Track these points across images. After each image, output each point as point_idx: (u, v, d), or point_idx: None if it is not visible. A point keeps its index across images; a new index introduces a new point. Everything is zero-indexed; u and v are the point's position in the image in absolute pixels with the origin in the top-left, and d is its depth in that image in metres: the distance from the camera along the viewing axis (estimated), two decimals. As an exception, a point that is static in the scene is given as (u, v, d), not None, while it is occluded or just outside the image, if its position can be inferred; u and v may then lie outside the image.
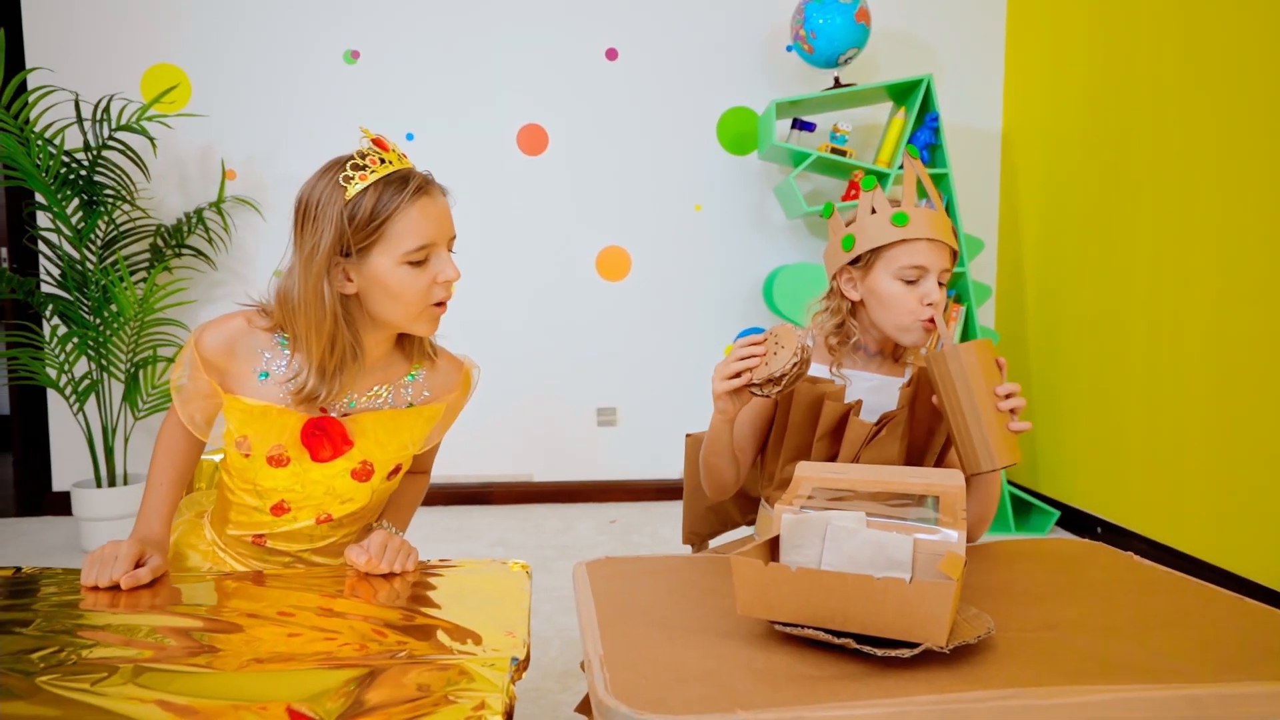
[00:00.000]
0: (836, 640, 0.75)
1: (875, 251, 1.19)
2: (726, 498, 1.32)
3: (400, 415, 1.11)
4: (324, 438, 1.05)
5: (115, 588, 0.97)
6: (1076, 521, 2.96)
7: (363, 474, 1.10)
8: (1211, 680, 0.71)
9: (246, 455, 1.07)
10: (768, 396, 1.09)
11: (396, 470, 1.14)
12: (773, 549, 0.89)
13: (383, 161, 1.01)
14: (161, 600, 0.95)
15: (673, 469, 3.44)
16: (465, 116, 3.28)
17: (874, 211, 1.19)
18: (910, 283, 1.17)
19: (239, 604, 0.94)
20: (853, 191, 3.07)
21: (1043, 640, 0.80)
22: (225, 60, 3.17)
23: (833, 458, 1.21)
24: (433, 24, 3.25)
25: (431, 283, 1.03)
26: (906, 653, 0.73)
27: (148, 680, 0.74)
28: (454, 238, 1.07)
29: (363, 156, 1.01)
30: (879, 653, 0.73)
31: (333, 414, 1.08)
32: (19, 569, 1.04)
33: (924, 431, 1.23)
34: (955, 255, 1.20)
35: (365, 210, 0.98)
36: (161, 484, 1.11)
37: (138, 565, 1.00)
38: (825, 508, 0.89)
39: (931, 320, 1.16)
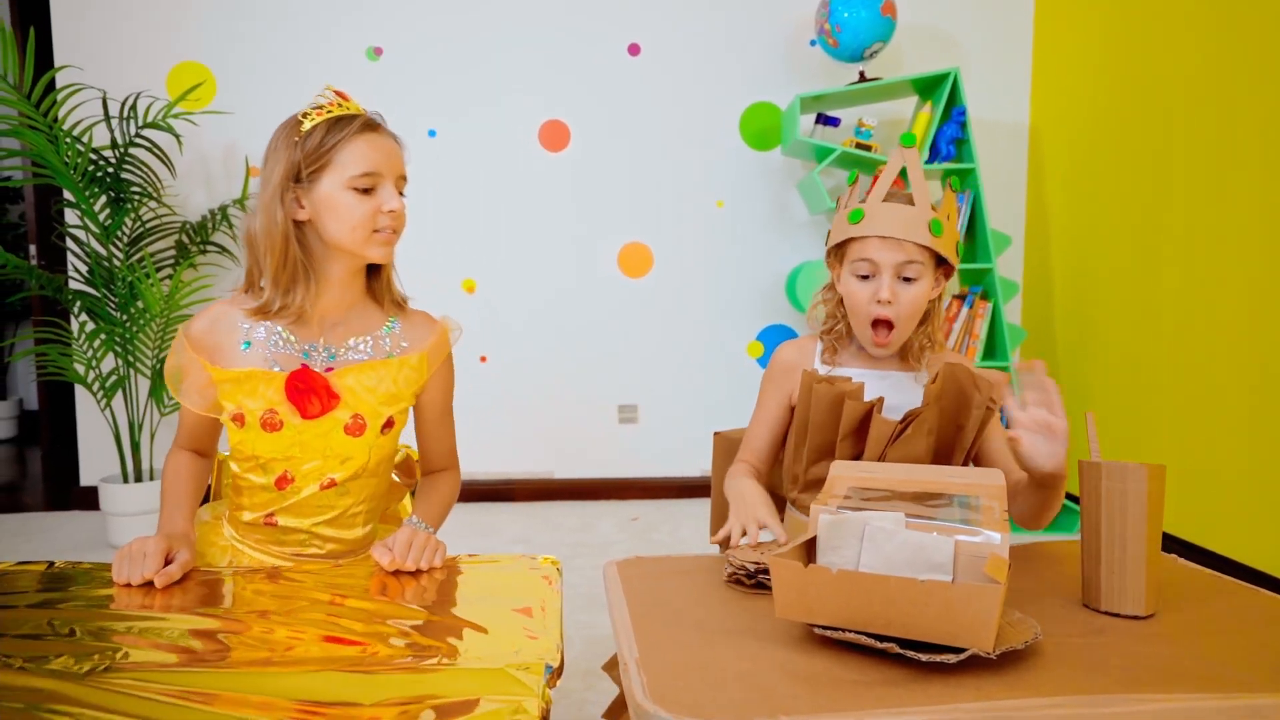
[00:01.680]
0: (879, 645, 0.73)
1: (839, 247, 1.20)
2: None
3: (381, 365, 1.16)
4: (310, 393, 1.10)
5: (146, 584, 0.98)
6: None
7: (355, 429, 1.13)
8: (1276, 690, 0.68)
9: (242, 425, 1.12)
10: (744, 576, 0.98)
11: (390, 425, 1.16)
12: (809, 550, 0.87)
13: (340, 106, 1.11)
14: (190, 600, 0.95)
15: (694, 467, 3.42)
16: (487, 113, 3.28)
17: (844, 206, 1.19)
18: (864, 278, 1.16)
19: (264, 603, 0.93)
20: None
21: (1092, 646, 0.78)
22: (249, 58, 3.18)
23: (857, 457, 1.19)
24: (455, 20, 3.24)
25: (376, 210, 1.10)
26: (952, 658, 0.71)
27: (175, 680, 0.73)
28: (403, 178, 1.14)
29: (323, 102, 1.12)
30: (923, 658, 0.71)
31: (315, 369, 1.13)
32: (52, 564, 1.05)
33: (952, 429, 1.20)
34: (933, 251, 1.14)
35: (316, 140, 1.08)
36: (175, 490, 1.16)
37: (167, 561, 1.01)
38: (861, 508, 0.87)
39: (882, 321, 1.15)
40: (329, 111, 1.10)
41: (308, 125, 1.08)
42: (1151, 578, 0.85)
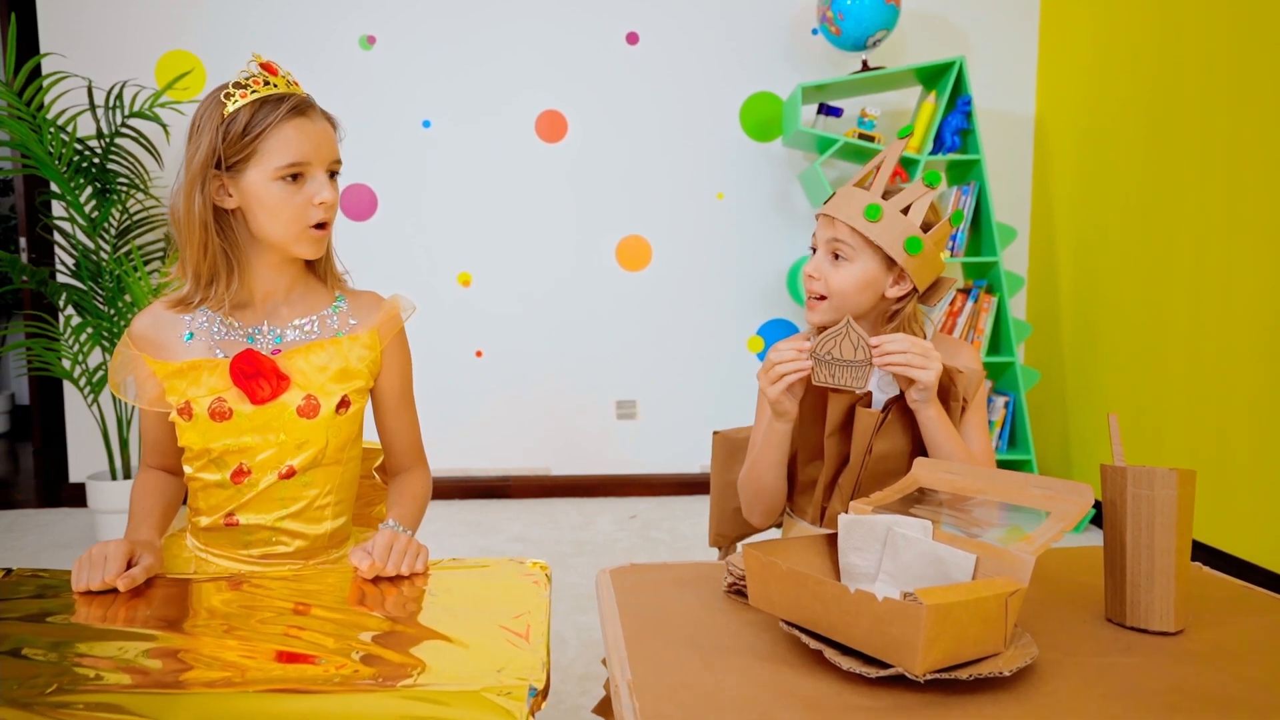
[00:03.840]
0: (812, 645, 0.72)
1: None
2: (776, 520, 1.26)
3: (331, 344, 1.11)
4: (258, 377, 1.06)
5: (108, 590, 0.92)
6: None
7: (309, 410, 1.08)
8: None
9: (190, 418, 1.06)
10: (835, 386, 1.03)
11: (345, 404, 1.11)
12: (831, 548, 0.82)
13: (267, 84, 1.04)
14: (152, 611, 0.89)
15: (693, 463, 3.37)
16: (483, 103, 3.21)
17: None
18: (813, 252, 1.18)
19: (226, 615, 0.88)
20: (881, 178, 2.97)
21: (1120, 666, 0.72)
22: (240, 46, 3.11)
23: (848, 454, 1.14)
24: (449, 8, 3.18)
25: (307, 203, 1.04)
26: (874, 672, 0.67)
27: (130, 705, 0.68)
28: (336, 162, 1.08)
29: (247, 78, 1.03)
30: (844, 665, 0.69)
31: (261, 351, 1.08)
32: (9, 570, 0.99)
33: None
34: (857, 231, 1.10)
35: (239, 125, 1.01)
36: (141, 506, 1.11)
37: (130, 565, 0.95)
38: (905, 510, 0.82)
39: (810, 296, 1.15)
40: (253, 90, 1.02)
41: (231, 107, 1.01)
42: (1181, 591, 0.80)
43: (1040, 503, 0.83)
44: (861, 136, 2.94)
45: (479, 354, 3.28)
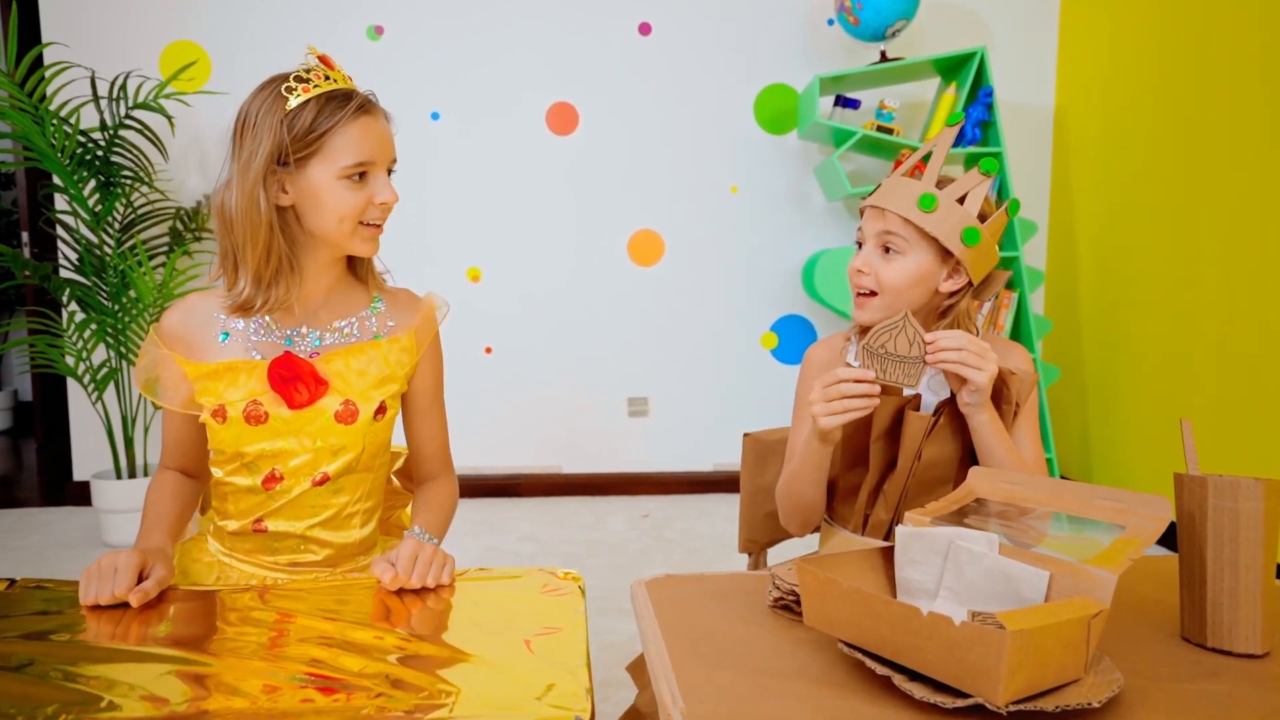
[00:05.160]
0: (878, 670, 0.66)
1: None
2: (814, 528, 1.20)
3: (371, 347, 1.08)
4: (296, 381, 1.02)
5: (116, 604, 0.87)
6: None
7: (347, 415, 1.05)
8: None
9: (224, 421, 1.02)
10: (886, 382, 0.99)
11: (382, 411, 1.07)
12: (887, 562, 0.77)
13: (327, 78, 1.01)
14: (167, 629, 0.84)
15: (706, 461, 3.32)
16: (492, 94, 3.15)
17: None
18: (859, 247, 1.12)
19: (248, 634, 0.83)
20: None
21: (1211, 694, 0.67)
22: (245, 36, 3.06)
23: (893, 461, 1.09)
24: (459, -2, 3.12)
25: (367, 202, 1.03)
26: (950, 702, 0.62)
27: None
28: (394, 161, 1.07)
29: (307, 71, 1.01)
30: (918, 695, 0.64)
31: (300, 355, 1.04)
32: (13, 581, 0.94)
33: None
34: (911, 222, 1.05)
35: (305, 122, 0.98)
36: (155, 509, 1.06)
37: (141, 578, 0.90)
38: (962, 523, 0.76)
39: (859, 292, 1.10)
40: (315, 85, 0.99)
41: (294, 102, 0.98)
42: (1268, 609, 0.74)
43: (1112, 516, 0.78)
44: (880, 129, 2.88)
45: (488, 350, 3.22)
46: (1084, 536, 0.79)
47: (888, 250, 1.07)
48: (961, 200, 1.04)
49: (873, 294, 1.09)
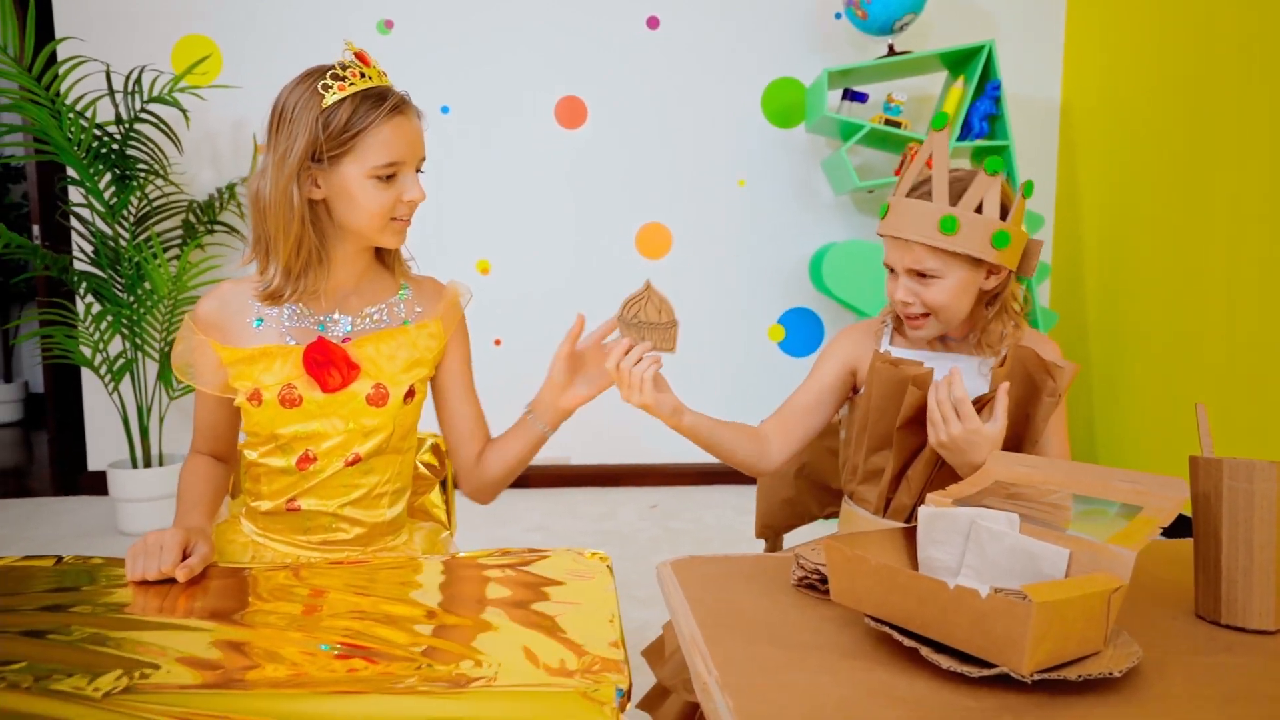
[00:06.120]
0: (906, 642, 0.69)
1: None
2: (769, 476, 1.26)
3: (399, 333, 1.12)
4: (329, 365, 1.06)
5: (163, 580, 0.91)
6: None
7: (378, 398, 1.08)
8: None
9: (259, 404, 1.05)
10: (650, 348, 1.06)
11: (411, 394, 1.11)
12: (909, 541, 0.80)
13: (363, 76, 1.03)
14: (210, 603, 0.87)
15: (714, 453, 3.34)
16: (501, 88, 3.17)
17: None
18: (892, 271, 1.13)
19: (288, 608, 0.85)
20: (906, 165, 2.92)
21: (1226, 667, 0.70)
22: (256, 30, 3.07)
23: (920, 447, 1.11)
24: (469, -9, 3.13)
25: (396, 200, 1.05)
26: (975, 671, 0.65)
27: (197, 705, 0.65)
28: (423, 159, 1.09)
29: (343, 68, 1.02)
30: (944, 664, 0.66)
31: (332, 340, 1.08)
32: (60, 558, 0.97)
33: (1020, 417, 1.13)
34: (941, 248, 1.05)
35: (340, 120, 1.00)
36: (190, 492, 1.09)
37: (185, 555, 0.93)
38: (980, 504, 0.79)
39: (909, 317, 1.11)
40: (351, 83, 1.01)
41: (330, 99, 0.99)
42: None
43: (1129, 497, 0.81)
44: (888, 122, 2.90)
45: (498, 343, 3.25)
46: (1102, 516, 0.82)
47: (923, 275, 1.09)
48: (979, 209, 1.05)
49: (924, 315, 1.11)
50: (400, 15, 3.13)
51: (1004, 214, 1.07)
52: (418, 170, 1.08)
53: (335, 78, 1.01)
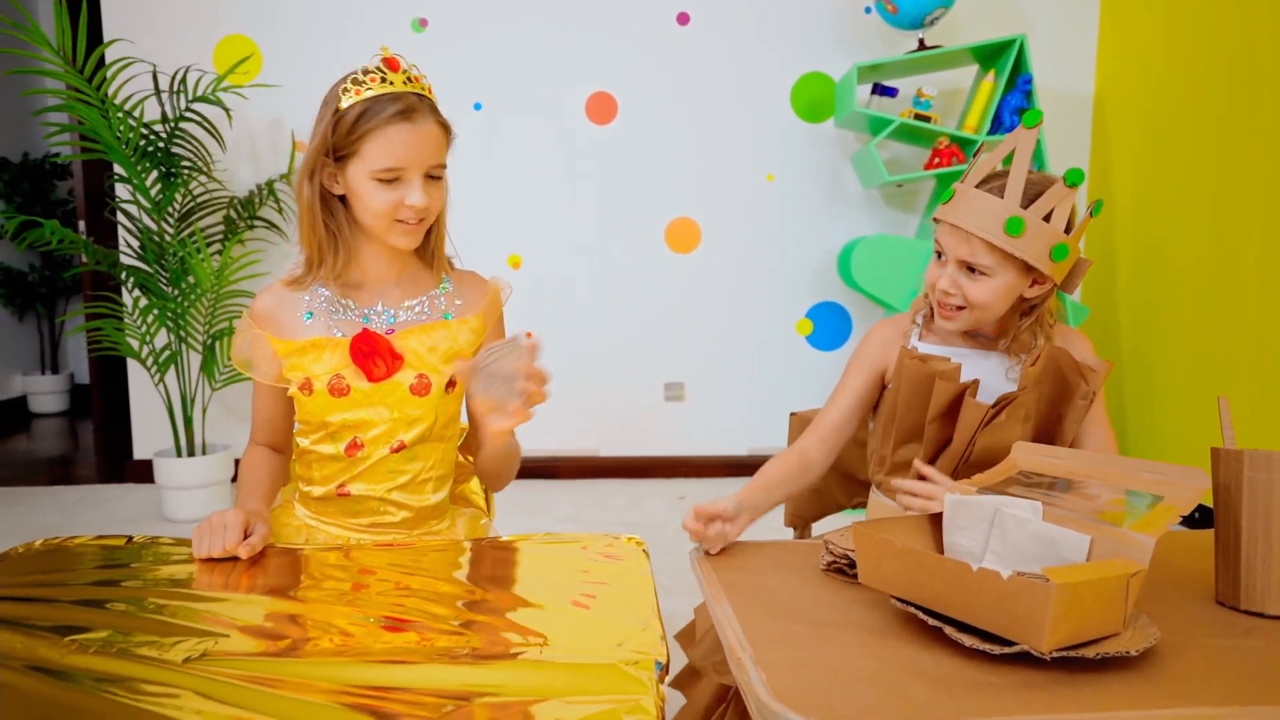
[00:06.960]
0: (930, 622, 0.72)
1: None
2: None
3: (441, 326, 1.16)
4: (374, 356, 1.11)
5: (226, 558, 0.97)
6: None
7: (420, 388, 1.13)
8: None
9: (310, 393, 1.11)
10: (490, 401, 1.03)
11: (452, 385, 1.16)
12: (935, 527, 0.83)
13: (383, 81, 1.07)
14: (270, 580, 0.93)
15: (740, 446, 3.37)
16: (533, 85, 3.22)
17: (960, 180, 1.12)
18: (939, 257, 1.13)
19: (344, 586, 0.91)
20: (936, 160, 2.93)
21: (1243, 649, 0.72)
22: (294, 30, 3.15)
23: (947, 441, 1.14)
24: (501, -10, 3.18)
25: (399, 203, 1.08)
26: (997, 649, 0.68)
27: (268, 670, 0.71)
28: (437, 166, 1.10)
29: (365, 73, 1.07)
30: (966, 642, 0.69)
31: (377, 331, 1.13)
32: (131, 538, 1.03)
33: (1053, 417, 1.14)
34: (1000, 248, 1.04)
35: (348, 123, 1.05)
36: (250, 479, 1.16)
37: (246, 534, 1.00)
38: (1005, 492, 0.82)
39: (943, 307, 1.11)
40: (368, 88, 1.05)
41: (346, 102, 1.05)
42: None
43: (1151, 486, 0.83)
44: (918, 117, 2.90)
45: (529, 336, 3.30)
46: (1124, 505, 0.84)
47: (972, 269, 1.08)
48: (1048, 217, 1.03)
49: (960, 308, 1.11)
50: (434, 13, 3.18)
51: (1068, 228, 1.05)
52: (431, 176, 1.10)
53: (355, 82, 1.07)
